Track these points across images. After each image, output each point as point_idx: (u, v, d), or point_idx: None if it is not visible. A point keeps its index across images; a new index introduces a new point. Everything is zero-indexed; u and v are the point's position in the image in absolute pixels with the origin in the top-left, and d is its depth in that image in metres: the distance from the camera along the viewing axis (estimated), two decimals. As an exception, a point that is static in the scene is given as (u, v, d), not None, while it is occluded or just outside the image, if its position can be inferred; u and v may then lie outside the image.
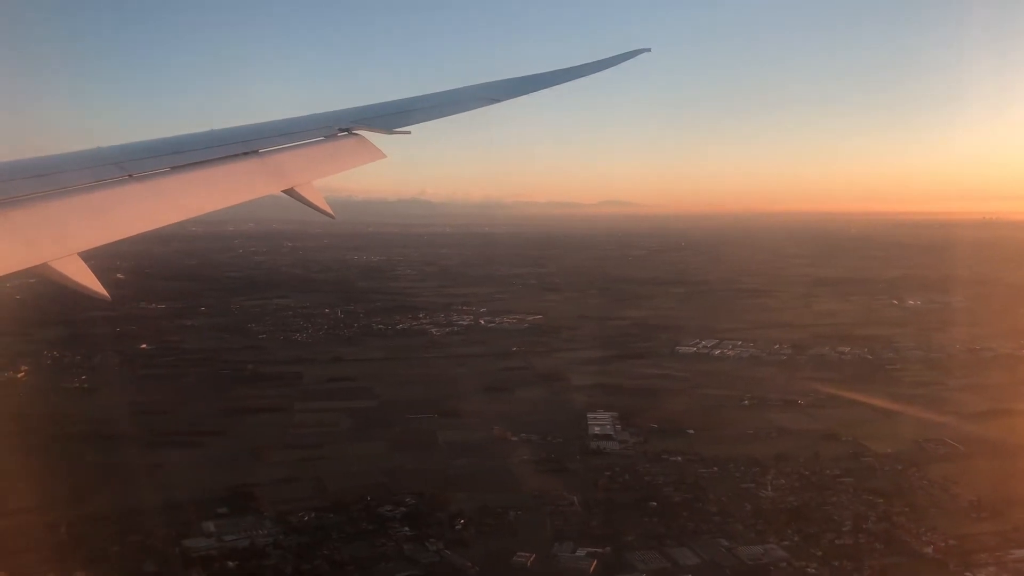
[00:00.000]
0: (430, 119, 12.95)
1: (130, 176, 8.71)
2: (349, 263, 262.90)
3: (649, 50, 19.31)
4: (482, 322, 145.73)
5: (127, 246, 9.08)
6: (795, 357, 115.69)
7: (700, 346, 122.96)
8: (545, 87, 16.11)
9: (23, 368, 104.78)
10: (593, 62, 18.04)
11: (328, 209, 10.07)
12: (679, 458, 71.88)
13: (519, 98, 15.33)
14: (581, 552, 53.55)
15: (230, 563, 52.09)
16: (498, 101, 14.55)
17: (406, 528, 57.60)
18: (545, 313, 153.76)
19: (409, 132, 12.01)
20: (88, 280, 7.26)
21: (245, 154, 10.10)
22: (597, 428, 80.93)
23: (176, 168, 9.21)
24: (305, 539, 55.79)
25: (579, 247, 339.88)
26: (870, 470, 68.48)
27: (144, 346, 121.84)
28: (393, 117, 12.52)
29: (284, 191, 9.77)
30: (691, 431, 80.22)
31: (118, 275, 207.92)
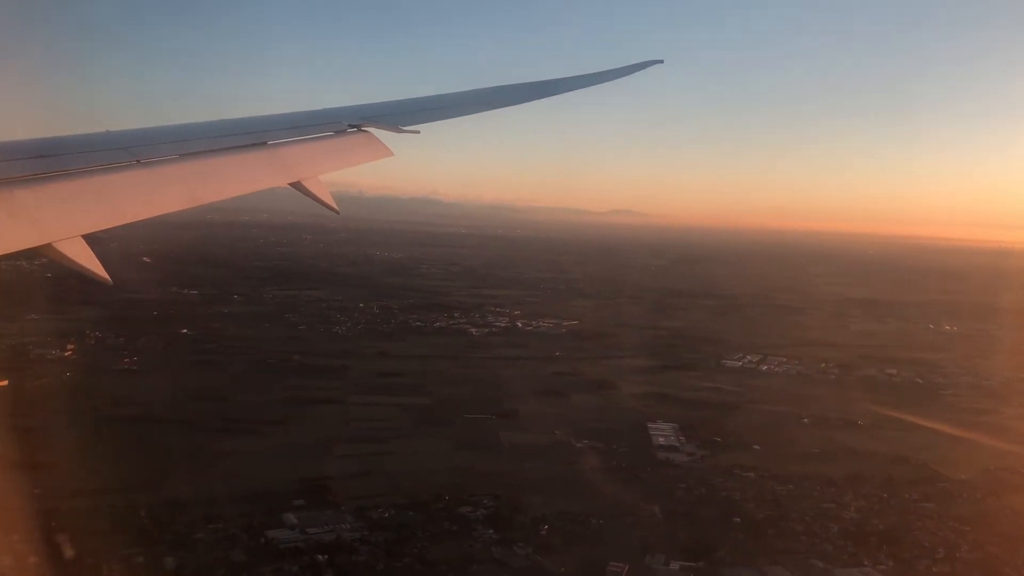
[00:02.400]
0: (441, 119, 12.89)
1: (138, 161, 8.56)
2: (372, 259, 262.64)
3: (662, 62, 19.57)
4: (519, 325, 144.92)
5: (148, 230, 8.76)
6: (844, 377, 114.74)
7: (745, 361, 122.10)
8: (557, 93, 16.06)
9: (69, 347, 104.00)
10: (606, 71, 18.05)
11: (333, 204, 9.95)
12: (752, 474, 70.97)
13: (530, 103, 15.30)
14: (675, 566, 52.65)
15: (319, 557, 51.14)
16: (510, 105, 14.51)
17: (491, 531, 56.72)
18: (581, 319, 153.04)
19: (418, 132, 11.84)
20: (91, 263, 7.20)
21: (253, 145, 9.97)
22: (661, 439, 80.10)
23: (184, 156, 9.09)
24: (391, 536, 54.93)
25: (597, 254, 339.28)
26: (949, 496, 67.46)
27: (185, 331, 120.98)
28: (403, 115, 12.40)
29: (291, 184, 9.66)
30: (756, 447, 79.31)
31: (144, 258, 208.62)
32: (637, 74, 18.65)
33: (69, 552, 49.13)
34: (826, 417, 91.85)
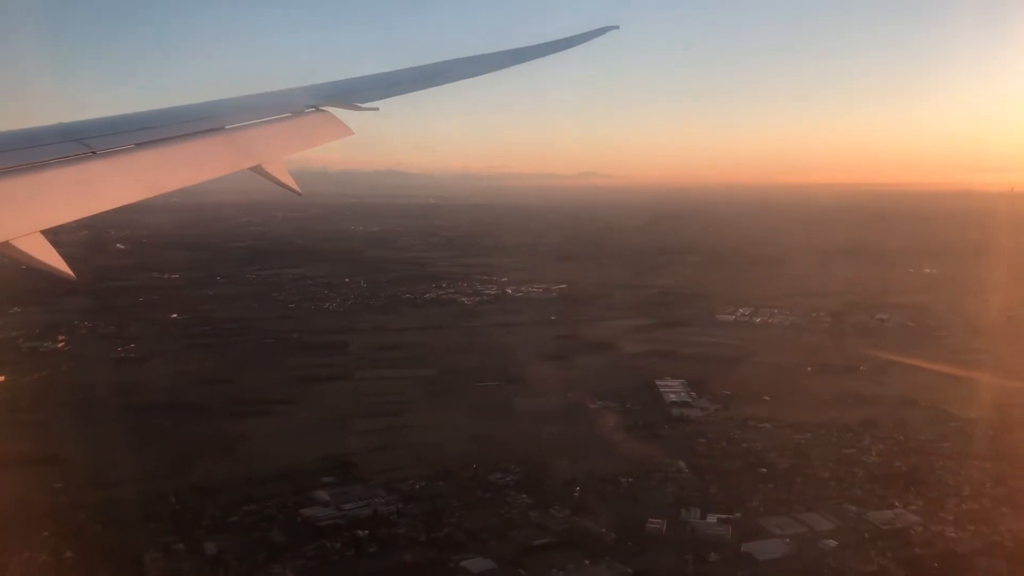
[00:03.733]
0: (399, 94, 12.90)
1: (94, 152, 8.36)
2: (349, 233, 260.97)
3: (617, 27, 19.69)
4: (509, 291, 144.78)
5: (116, 216, 8.62)
6: (837, 325, 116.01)
7: (739, 314, 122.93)
8: (514, 64, 16.08)
9: (60, 339, 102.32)
10: (563, 39, 18.05)
11: (295, 186, 9.92)
12: (768, 425, 71.60)
13: (491, 74, 15.35)
14: (712, 519, 52.99)
15: (360, 532, 50.92)
16: (467, 78, 14.59)
17: (524, 495, 56.77)
18: (569, 283, 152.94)
19: (377, 109, 11.90)
20: (52, 259, 7.05)
21: (211, 131, 9.91)
22: (672, 395, 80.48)
23: (141, 144, 8.95)
24: (426, 507, 54.82)
25: (572, 218, 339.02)
26: (964, 435, 68.33)
27: (175, 316, 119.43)
28: (361, 93, 12.40)
29: (251, 168, 9.65)
30: (767, 398, 79.93)
31: (118, 245, 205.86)
32: (596, 40, 18.76)
33: (107, 542, 48.58)
34: (828, 365, 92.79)
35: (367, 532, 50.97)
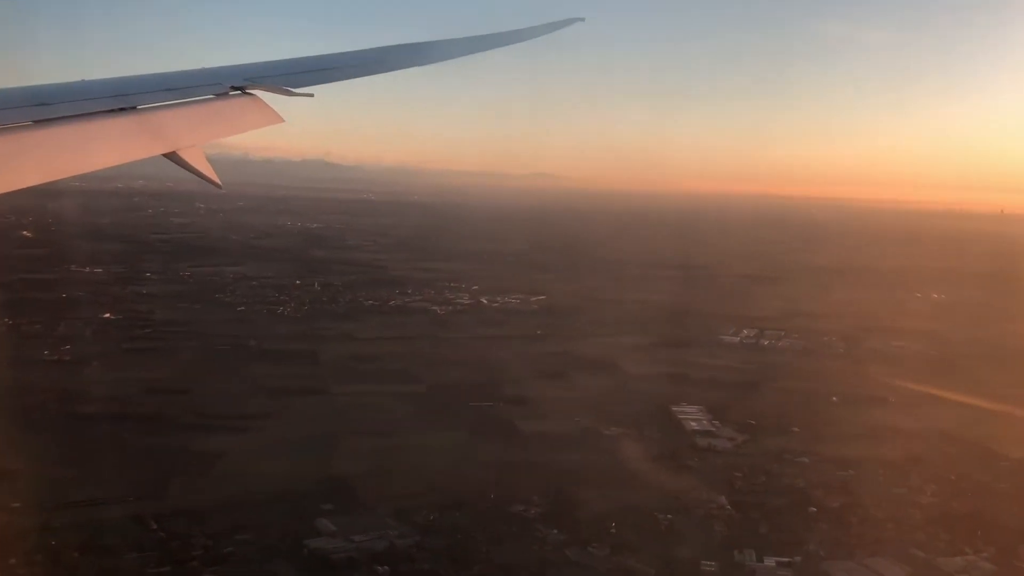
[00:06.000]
0: (338, 80, 12.89)
1: None
2: (286, 230, 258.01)
3: (583, 20, 19.83)
4: (484, 301, 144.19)
5: (17, 199, 8.57)
6: (852, 351, 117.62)
7: (743, 336, 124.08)
8: (469, 53, 16.06)
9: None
10: (523, 29, 18.16)
11: (214, 178, 9.79)
12: (805, 459, 72.17)
13: (440, 63, 15.35)
14: (770, 561, 53.12)
15: (379, 567, 49.84)
16: (414, 66, 14.65)
17: (554, 530, 56.28)
18: (547, 293, 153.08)
19: (312, 95, 11.80)
20: None
21: (122, 110, 9.68)
22: (693, 423, 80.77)
23: (40, 122, 8.75)
24: (448, 541, 54.01)
25: (531, 221, 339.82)
26: (1018, 475, 69.66)
27: (108, 315, 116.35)
28: (294, 76, 12.36)
29: (165, 155, 9.49)
30: (796, 429, 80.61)
31: (24, 232, 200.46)
32: (558, 32, 18.64)
33: (90, 573, 46.77)
34: (853, 394, 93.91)
35: (387, 568, 49.87)
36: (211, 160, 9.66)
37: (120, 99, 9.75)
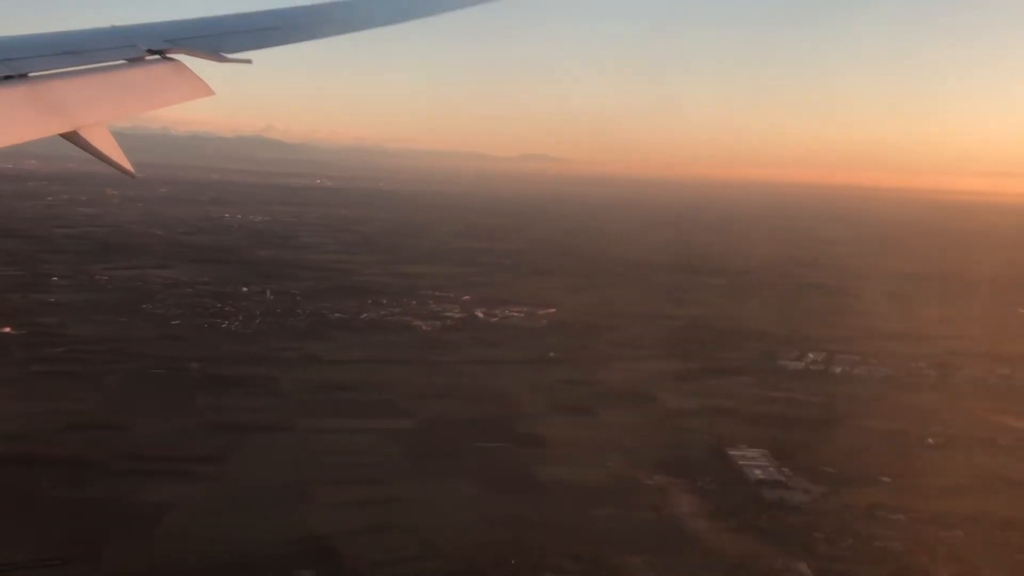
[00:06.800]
0: (279, 44, 12.96)
1: None
2: (224, 223, 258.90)
3: None
4: (479, 315, 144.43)
5: None
6: (946, 380, 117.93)
7: (808, 360, 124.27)
8: (434, 13, 16.30)
9: None
10: None
11: (126, 165, 9.78)
12: (900, 516, 71.99)
13: (400, 24, 15.29)
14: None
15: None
16: (370, 27, 14.66)
17: (598, 607, 55.88)
18: (557, 305, 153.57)
19: (250, 61, 11.78)
20: None
21: (8, 78, 9.57)
22: (757, 471, 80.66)
23: None
24: (463, 619, 53.53)
25: (526, 214, 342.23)
26: None
27: (8, 329, 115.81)
28: (226, 37, 12.43)
29: (64, 135, 9.39)
30: (885, 479, 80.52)
31: None
32: None
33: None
34: (953, 436, 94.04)
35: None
36: (124, 135, 9.34)
37: (5, 65, 9.55)
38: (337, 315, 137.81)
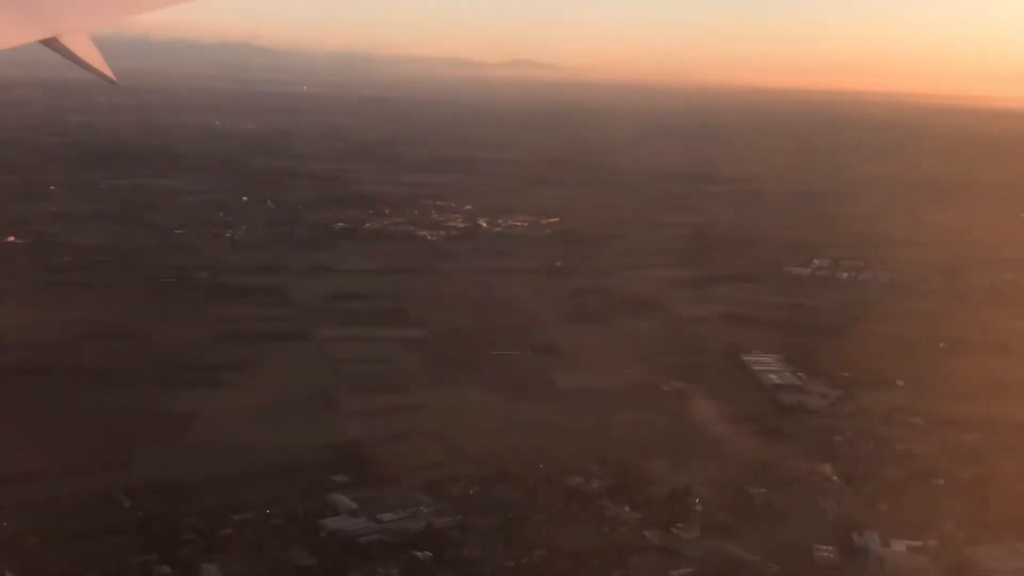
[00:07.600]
0: None
1: None
2: (215, 131, 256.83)
3: None
4: (483, 224, 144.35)
5: None
6: (952, 285, 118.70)
7: (814, 267, 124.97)
8: None
9: None
10: None
11: (107, 71, 9.79)
12: (919, 419, 73.22)
13: None
14: (898, 546, 53.99)
15: (418, 553, 50.40)
16: None
17: (626, 508, 56.99)
18: (561, 215, 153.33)
19: None
20: None
21: None
22: (772, 376, 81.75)
23: None
24: (497, 521, 54.54)
25: (522, 120, 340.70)
26: None
27: (13, 239, 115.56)
28: None
29: (44, 41, 9.33)
30: (900, 383, 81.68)
31: None
32: None
33: (55, 562, 47.04)
34: (964, 340, 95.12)
35: (428, 554, 50.45)
36: (103, 41, 9.29)
37: None
38: (340, 224, 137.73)
